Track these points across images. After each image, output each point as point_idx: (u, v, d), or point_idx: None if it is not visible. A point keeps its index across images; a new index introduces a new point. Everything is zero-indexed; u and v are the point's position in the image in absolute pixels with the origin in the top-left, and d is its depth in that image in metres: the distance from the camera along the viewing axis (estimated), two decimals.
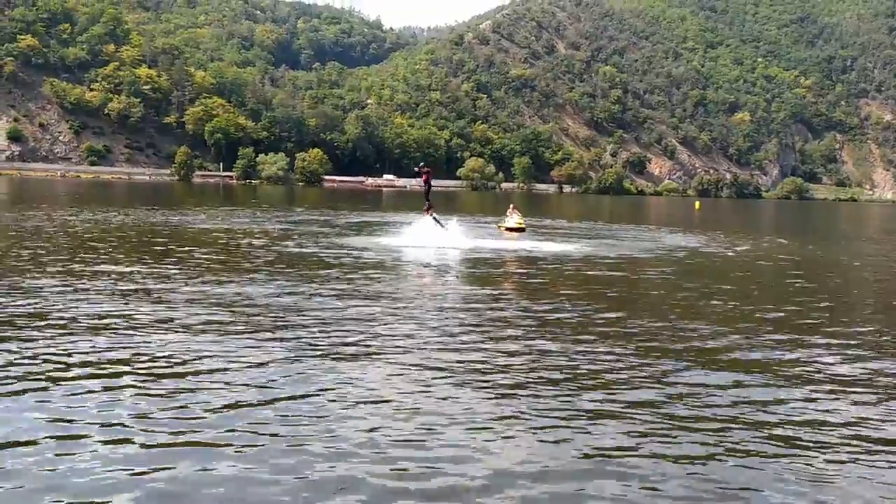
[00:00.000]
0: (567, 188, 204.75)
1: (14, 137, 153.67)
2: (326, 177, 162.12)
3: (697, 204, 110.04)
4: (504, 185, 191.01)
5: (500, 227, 36.63)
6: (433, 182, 31.51)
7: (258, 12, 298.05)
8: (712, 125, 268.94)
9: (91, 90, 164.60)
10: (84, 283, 15.53)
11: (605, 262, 23.88)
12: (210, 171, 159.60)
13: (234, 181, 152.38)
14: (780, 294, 18.55)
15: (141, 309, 13.10)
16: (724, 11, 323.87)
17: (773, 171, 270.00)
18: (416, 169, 31.27)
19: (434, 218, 29.13)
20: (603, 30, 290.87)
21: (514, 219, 34.87)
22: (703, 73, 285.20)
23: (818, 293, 19.01)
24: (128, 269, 17.93)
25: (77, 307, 13.02)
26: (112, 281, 16.02)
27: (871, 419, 8.55)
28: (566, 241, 32.25)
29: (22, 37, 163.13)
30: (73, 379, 8.94)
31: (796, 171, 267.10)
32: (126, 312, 12.73)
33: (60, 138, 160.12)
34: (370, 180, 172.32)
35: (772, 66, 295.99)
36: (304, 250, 24.25)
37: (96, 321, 12.00)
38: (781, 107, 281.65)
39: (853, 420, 8.51)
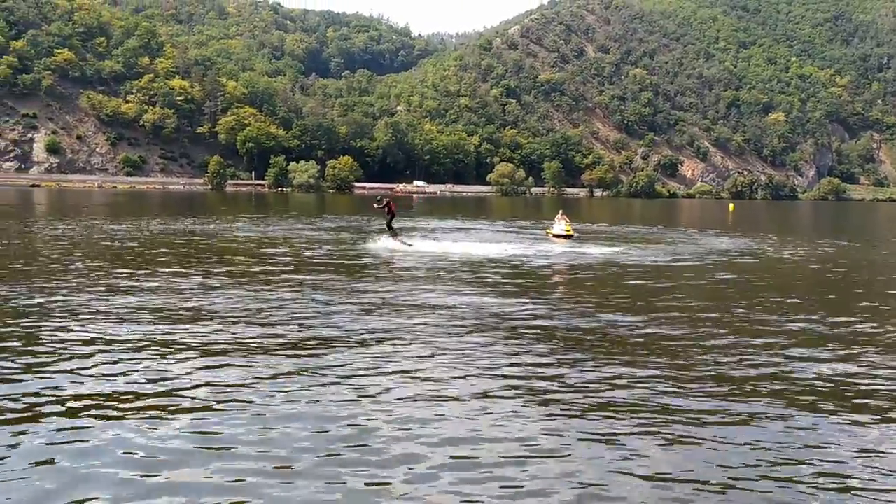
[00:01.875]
0: (598, 192, 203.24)
1: (52, 150, 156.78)
2: (357, 184, 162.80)
3: (731, 206, 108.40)
4: (534, 189, 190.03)
5: (548, 232, 36.64)
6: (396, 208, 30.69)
7: (288, 22, 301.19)
8: (746, 126, 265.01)
9: (126, 102, 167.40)
10: (125, 296, 15.66)
11: (664, 267, 23.50)
12: (242, 179, 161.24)
13: (266, 189, 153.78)
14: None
15: (164, 319, 13.14)
16: (757, 11, 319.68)
17: (810, 171, 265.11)
18: (377, 202, 30.41)
19: (402, 242, 28.89)
20: (633, 32, 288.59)
21: (561, 225, 34.81)
22: (735, 73, 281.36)
23: None
24: (168, 278, 18.07)
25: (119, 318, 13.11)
26: (156, 288, 16.14)
27: None
28: (613, 244, 31.89)
29: (59, 51, 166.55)
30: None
31: (833, 171, 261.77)
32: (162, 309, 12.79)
33: (97, 150, 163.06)
34: (400, 187, 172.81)
35: (806, 66, 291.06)
36: (341, 256, 24.26)
37: (140, 335, 12.07)
38: (817, 106, 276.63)
39: None
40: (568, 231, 34.30)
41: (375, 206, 30.95)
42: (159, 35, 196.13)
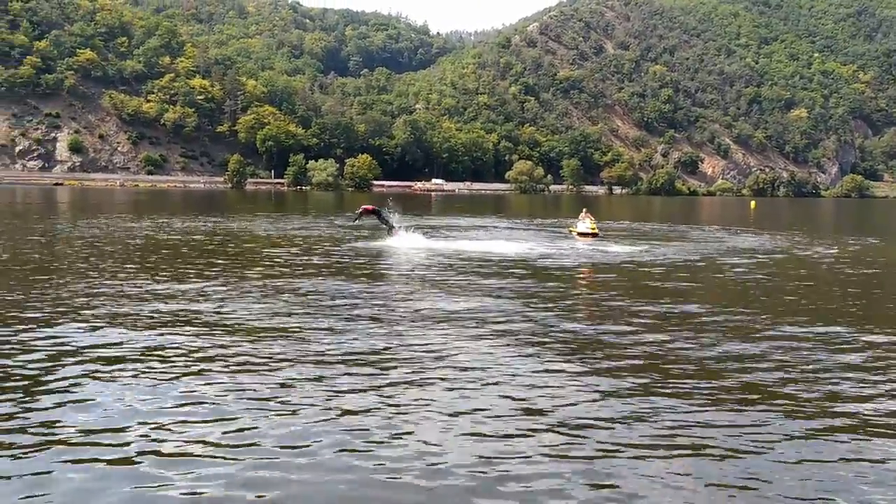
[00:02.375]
0: (617, 190, 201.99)
1: (75, 149, 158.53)
2: (375, 182, 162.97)
3: (753, 203, 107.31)
4: (553, 187, 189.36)
5: (570, 230, 36.14)
6: (377, 207, 29.87)
7: (307, 21, 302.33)
8: (767, 123, 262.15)
9: (148, 101, 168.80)
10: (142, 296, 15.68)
11: (690, 266, 23.19)
12: (262, 178, 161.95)
13: (285, 188, 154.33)
14: None
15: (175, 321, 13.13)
16: (779, 6, 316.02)
17: (832, 168, 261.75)
18: (358, 213, 29.39)
19: (388, 226, 28.64)
20: (652, 28, 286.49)
21: (586, 223, 34.28)
22: (757, 69, 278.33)
23: None
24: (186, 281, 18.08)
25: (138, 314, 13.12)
26: (181, 291, 16.16)
27: None
28: (637, 243, 31.45)
29: (81, 51, 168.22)
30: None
31: (856, 168, 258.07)
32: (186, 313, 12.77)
33: (119, 149, 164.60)
34: (419, 185, 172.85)
35: (829, 61, 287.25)
36: (363, 255, 24.21)
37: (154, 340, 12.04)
38: (840, 102, 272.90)
39: None
40: (593, 229, 33.81)
41: (356, 221, 29.76)
42: (180, 35, 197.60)
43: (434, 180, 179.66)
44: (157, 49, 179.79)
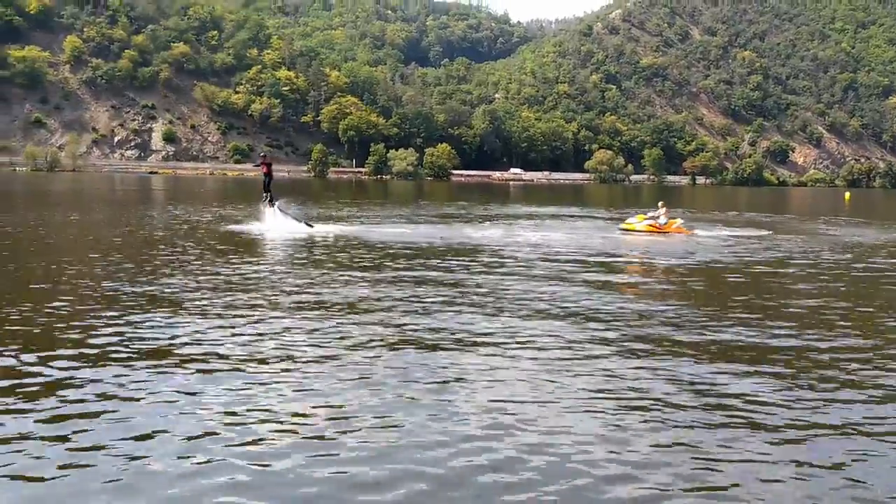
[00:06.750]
0: (700, 179, 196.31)
1: (169, 138, 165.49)
2: (454, 171, 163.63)
3: (847, 195, 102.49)
4: (633, 177, 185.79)
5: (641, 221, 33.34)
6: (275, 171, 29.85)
7: (389, 12, 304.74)
8: (864, 110, 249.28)
9: (236, 93, 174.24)
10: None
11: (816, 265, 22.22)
12: (344, 167, 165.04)
13: (366, 177, 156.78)
14: None
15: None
16: None
17: None
18: (260, 160, 29.15)
19: (280, 209, 27.58)
20: (742, 13, 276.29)
21: (661, 219, 29.94)
22: (853, 55, 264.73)
23: None
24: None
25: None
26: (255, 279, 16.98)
27: None
28: (754, 235, 30.03)
29: (175, 44, 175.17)
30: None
31: None
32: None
33: (209, 139, 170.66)
34: (497, 174, 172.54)
35: None
36: (441, 244, 24.68)
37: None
38: None
39: None
40: (632, 224, 29.99)
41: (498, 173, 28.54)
42: (267, 27, 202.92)
43: (512, 170, 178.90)
44: (245, 42, 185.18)
